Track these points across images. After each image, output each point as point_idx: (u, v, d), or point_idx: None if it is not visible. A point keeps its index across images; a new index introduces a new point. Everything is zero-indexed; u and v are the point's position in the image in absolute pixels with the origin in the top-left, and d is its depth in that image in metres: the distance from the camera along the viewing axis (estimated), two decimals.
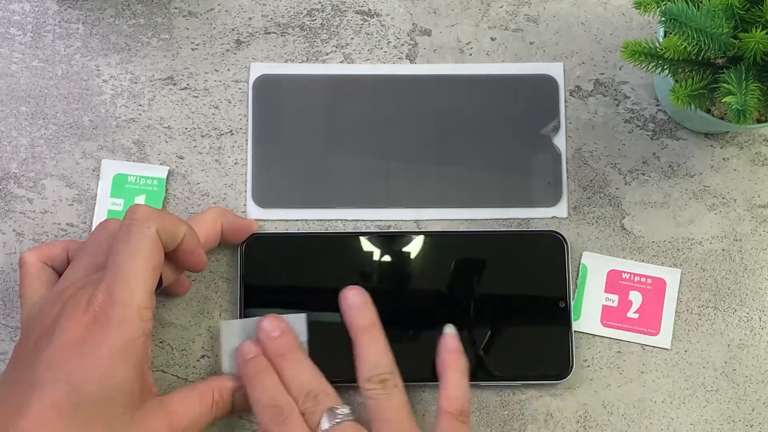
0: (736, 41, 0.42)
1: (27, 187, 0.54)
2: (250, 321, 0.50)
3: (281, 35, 0.56)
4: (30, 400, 0.41)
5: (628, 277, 0.53)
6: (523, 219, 0.54)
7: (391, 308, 0.52)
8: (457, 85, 0.55)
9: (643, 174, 0.55)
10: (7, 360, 0.52)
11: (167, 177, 0.54)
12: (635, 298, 0.53)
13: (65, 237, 0.53)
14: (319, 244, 0.52)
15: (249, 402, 0.49)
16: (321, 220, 0.54)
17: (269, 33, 0.56)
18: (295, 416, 0.46)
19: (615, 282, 0.53)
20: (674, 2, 0.41)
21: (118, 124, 0.54)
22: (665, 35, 0.48)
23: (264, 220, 0.54)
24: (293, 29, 0.56)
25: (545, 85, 0.55)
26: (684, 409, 0.52)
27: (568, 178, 0.55)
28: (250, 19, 0.56)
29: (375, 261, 0.52)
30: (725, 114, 0.49)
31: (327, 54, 0.56)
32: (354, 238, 0.52)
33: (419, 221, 0.54)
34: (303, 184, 0.54)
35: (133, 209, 0.44)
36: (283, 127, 0.55)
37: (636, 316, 0.52)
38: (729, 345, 0.53)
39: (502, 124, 0.55)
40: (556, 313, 0.52)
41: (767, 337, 0.53)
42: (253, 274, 0.52)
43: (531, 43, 0.56)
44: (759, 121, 0.49)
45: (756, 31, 0.41)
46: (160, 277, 0.45)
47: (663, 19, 0.41)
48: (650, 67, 0.45)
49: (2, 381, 0.44)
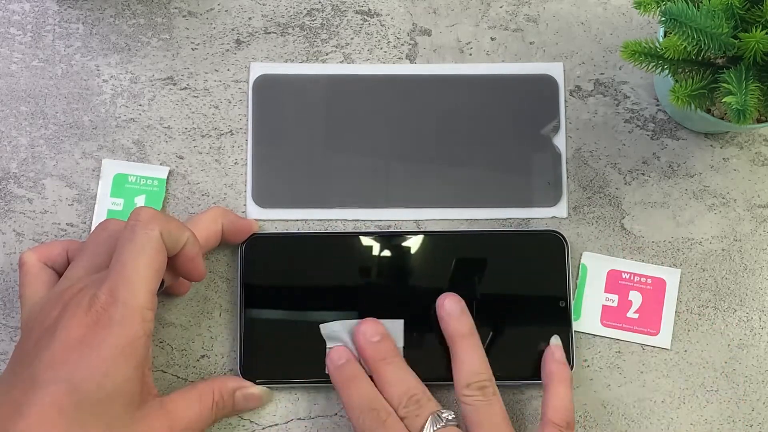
0: (736, 41, 0.42)
1: (27, 187, 0.54)
2: (348, 323, 0.50)
3: (281, 35, 0.56)
4: (30, 399, 0.41)
5: (628, 277, 0.53)
6: (523, 219, 0.54)
7: (390, 308, 0.52)
8: (457, 85, 0.55)
9: (643, 174, 0.55)
10: (7, 360, 0.52)
11: (167, 177, 0.54)
12: (635, 298, 0.53)
13: (65, 237, 0.53)
14: (319, 244, 0.52)
15: (252, 403, 0.49)
16: (321, 220, 0.54)
17: (269, 33, 0.56)
18: (394, 419, 0.46)
19: (615, 282, 0.53)
20: (674, 2, 0.41)
21: (118, 124, 0.54)
22: (665, 35, 0.48)
23: (264, 220, 0.54)
24: (293, 29, 0.56)
25: (545, 85, 0.55)
26: (684, 409, 0.52)
27: (568, 178, 0.55)
28: (250, 19, 0.56)
29: (375, 261, 0.52)
30: (725, 114, 0.49)
31: (327, 54, 0.56)
32: (354, 238, 0.52)
33: (419, 221, 0.54)
34: (303, 184, 0.54)
35: (137, 211, 0.44)
36: (283, 127, 0.55)
37: (636, 316, 0.52)
38: (729, 345, 0.53)
39: (502, 124, 0.55)
40: (556, 312, 0.52)
41: (767, 337, 0.53)
42: (253, 274, 0.52)
43: (531, 43, 0.56)
44: (759, 121, 0.48)
45: (756, 31, 0.41)
46: (162, 278, 0.45)
47: (663, 19, 0.41)
48: (650, 67, 0.45)
49: (2, 380, 0.44)
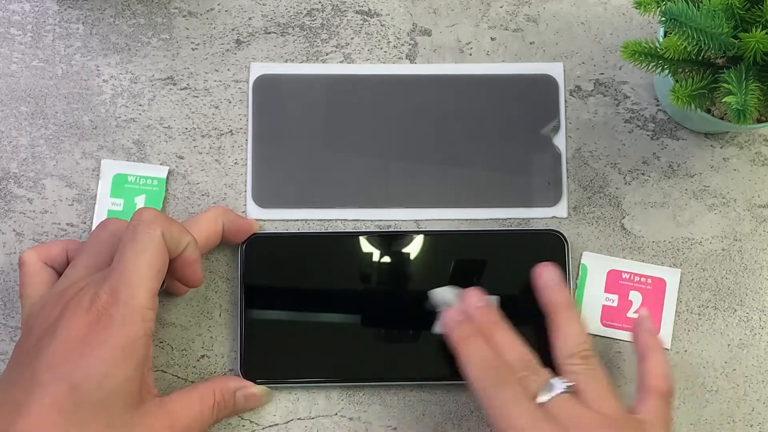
0: (736, 41, 0.42)
1: (27, 187, 0.54)
2: (455, 290, 0.50)
3: (281, 35, 0.56)
4: (30, 399, 0.41)
5: (628, 277, 0.53)
6: (523, 219, 0.54)
7: (391, 308, 0.52)
8: (457, 85, 0.55)
9: (643, 174, 0.55)
10: (7, 360, 0.52)
11: (167, 177, 0.54)
12: (635, 298, 0.53)
13: (65, 237, 0.53)
14: (319, 244, 0.52)
15: (253, 403, 0.49)
16: (321, 220, 0.54)
17: (269, 33, 0.56)
18: (515, 379, 0.46)
19: (615, 282, 0.53)
20: (674, 2, 0.41)
21: (118, 124, 0.54)
22: (665, 35, 0.48)
23: (264, 220, 0.54)
24: (293, 29, 0.56)
25: (545, 85, 0.55)
26: (684, 409, 0.52)
27: (568, 178, 0.55)
28: (250, 19, 0.56)
29: (375, 260, 0.52)
30: (725, 114, 0.49)
31: (327, 54, 0.56)
32: (354, 237, 0.52)
33: (419, 221, 0.54)
34: (303, 184, 0.54)
35: (140, 211, 0.44)
36: (283, 127, 0.55)
37: (636, 316, 0.52)
38: (729, 345, 0.53)
39: (502, 124, 0.55)
40: None
41: (767, 337, 0.53)
42: (253, 274, 0.52)
43: (531, 43, 0.56)
44: (759, 121, 0.48)
45: (756, 30, 0.41)
46: (163, 279, 0.45)
47: (663, 19, 0.41)
48: (650, 67, 0.45)
49: (3, 380, 0.44)
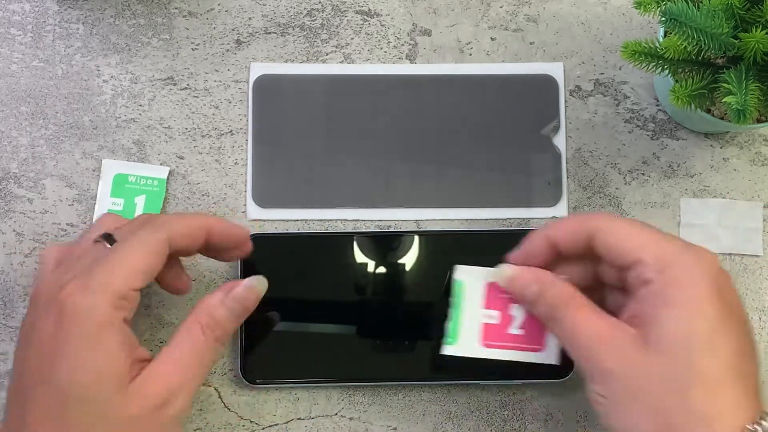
0: (736, 41, 0.42)
1: (27, 187, 0.54)
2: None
3: (281, 35, 0.56)
4: (24, 413, 0.40)
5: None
6: (523, 219, 0.54)
7: (391, 308, 0.52)
8: (457, 85, 0.55)
9: (643, 174, 0.55)
10: (7, 360, 0.52)
11: (167, 177, 0.54)
12: (517, 312, 0.47)
13: (65, 237, 0.53)
14: (319, 244, 0.52)
15: (249, 301, 0.45)
16: (321, 220, 0.54)
17: (269, 33, 0.56)
18: None
19: (495, 296, 0.47)
20: (674, 2, 0.41)
21: (118, 124, 0.54)
22: (665, 35, 0.48)
23: (264, 220, 0.54)
24: (293, 29, 0.56)
25: (545, 85, 0.55)
26: None
27: (568, 178, 0.55)
28: (250, 19, 0.56)
29: (375, 260, 0.52)
30: (725, 114, 0.49)
31: (327, 54, 0.56)
32: (354, 238, 0.52)
33: (419, 221, 0.54)
34: (303, 184, 0.54)
35: (151, 215, 0.44)
36: (283, 127, 0.55)
37: (520, 332, 0.47)
38: None
39: (502, 124, 0.55)
40: None
41: (767, 337, 0.53)
42: (252, 274, 0.52)
43: (531, 43, 0.56)
44: (759, 121, 0.48)
45: (756, 30, 0.41)
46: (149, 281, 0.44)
47: (663, 19, 0.41)
48: (650, 67, 0.45)
49: (9, 390, 0.44)
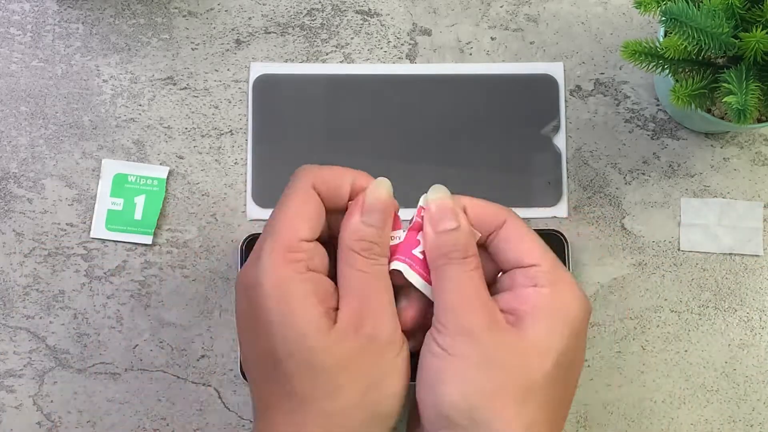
0: (736, 41, 0.42)
1: (27, 187, 0.54)
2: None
3: (281, 35, 0.56)
4: (256, 391, 0.41)
5: None
6: (524, 219, 0.54)
7: None
8: (457, 85, 0.55)
9: (643, 174, 0.55)
10: (6, 359, 0.52)
11: (167, 177, 0.54)
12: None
13: (65, 237, 0.53)
14: None
15: (379, 203, 0.42)
16: None
17: (269, 33, 0.56)
18: None
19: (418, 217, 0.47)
20: (674, 2, 0.41)
21: (118, 124, 0.54)
22: (665, 35, 0.48)
23: (264, 220, 0.54)
24: (293, 29, 0.56)
25: (545, 85, 0.55)
26: (684, 409, 0.52)
27: (568, 177, 0.55)
28: (250, 19, 0.56)
29: None
30: (725, 114, 0.49)
31: (327, 54, 0.56)
32: None
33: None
34: None
35: (297, 170, 0.43)
36: (283, 127, 0.55)
37: (421, 256, 0.45)
38: (729, 345, 0.53)
39: (502, 124, 0.55)
40: None
41: (767, 337, 0.53)
42: None
43: (531, 43, 0.56)
44: (759, 121, 0.48)
45: (756, 30, 0.41)
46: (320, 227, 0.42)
47: (663, 18, 0.41)
48: (650, 67, 0.45)
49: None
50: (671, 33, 0.43)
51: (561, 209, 0.54)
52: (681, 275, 0.54)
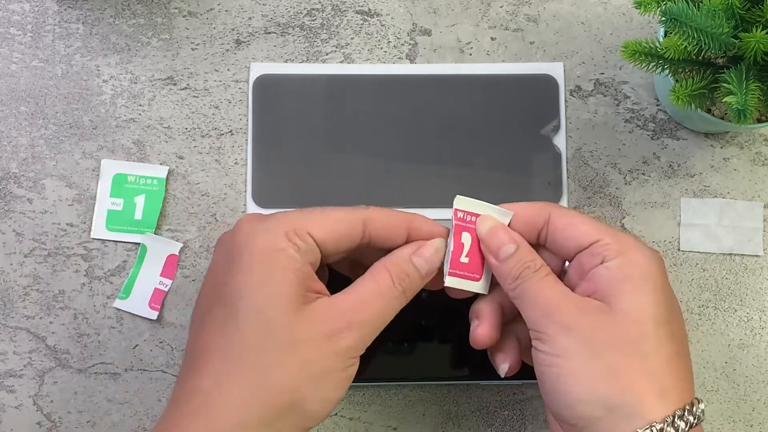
0: (736, 41, 0.42)
1: (27, 187, 0.54)
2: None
3: (281, 35, 0.56)
4: (200, 331, 0.40)
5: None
6: None
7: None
8: (457, 85, 0.55)
9: (643, 174, 0.55)
10: (6, 359, 0.52)
11: (167, 177, 0.54)
12: (465, 240, 0.47)
13: (65, 237, 0.53)
14: None
15: (435, 261, 0.43)
16: None
17: (269, 33, 0.56)
18: None
19: (173, 267, 0.53)
20: (674, 2, 0.41)
21: (118, 124, 0.54)
22: (665, 35, 0.48)
23: None
24: (293, 29, 0.56)
25: (545, 85, 0.55)
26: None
27: (568, 177, 0.55)
28: (250, 19, 0.56)
29: None
30: (725, 114, 0.49)
31: (327, 54, 0.56)
32: None
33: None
34: (303, 184, 0.54)
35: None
36: (283, 127, 0.55)
37: (466, 260, 0.46)
38: (729, 345, 0.53)
39: (502, 124, 0.55)
40: None
41: (767, 337, 0.53)
42: None
43: (531, 43, 0.56)
44: (759, 121, 0.48)
45: (756, 30, 0.41)
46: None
47: (663, 18, 0.41)
48: (650, 67, 0.45)
49: (192, 317, 0.43)
50: (671, 33, 0.43)
51: None
52: (681, 275, 0.54)
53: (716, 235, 0.54)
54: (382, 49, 0.56)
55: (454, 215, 0.44)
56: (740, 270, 0.54)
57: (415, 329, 0.52)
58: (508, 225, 0.44)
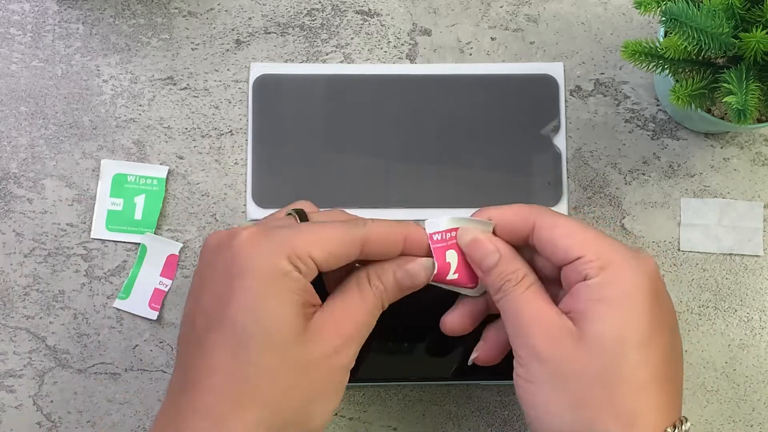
0: (736, 41, 0.42)
1: (27, 187, 0.54)
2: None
3: (281, 35, 0.56)
4: (195, 360, 0.39)
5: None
6: None
7: (391, 309, 0.51)
8: (457, 85, 0.55)
9: (643, 174, 0.55)
10: (6, 359, 0.52)
11: (167, 177, 0.54)
12: (452, 258, 0.47)
13: (65, 237, 0.53)
14: None
15: (419, 279, 0.43)
16: None
17: (269, 33, 0.56)
18: None
19: (173, 267, 0.53)
20: (674, 2, 0.41)
21: (118, 124, 0.54)
22: (665, 35, 0.48)
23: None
24: (293, 29, 0.56)
25: (545, 85, 0.55)
26: (684, 409, 0.52)
27: (568, 178, 0.55)
28: (250, 19, 0.56)
29: None
30: (725, 114, 0.49)
31: (327, 54, 0.56)
32: None
33: (419, 221, 0.54)
34: (303, 184, 0.54)
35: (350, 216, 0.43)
36: (283, 127, 0.55)
37: (455, 276, 0.46)
38: (729, 345, 0.53)
39: (503, 124, 0.55)
40: None
41: (767, 337, 0.53)
42: None
43: (531, 43, 0.56)
44: (759, 121, 0.48)
45: (756, 30, 0.41)
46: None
47: (663, 18, 0.41)
48: (650, 67, 0.45)
49: (179, 339, 0.42)
50: (671, 33, 0.43)
51: (561, 209, 0.54)
52: (681, 275, 0.54)
53: (716, 235, 0.54)
54: (382, 49, 0.56)
55: (430, 239, 0.43)
56: (740, 270, 0.54)
57: (415, 329, 0.52)
58: (492, 232, 0.43)
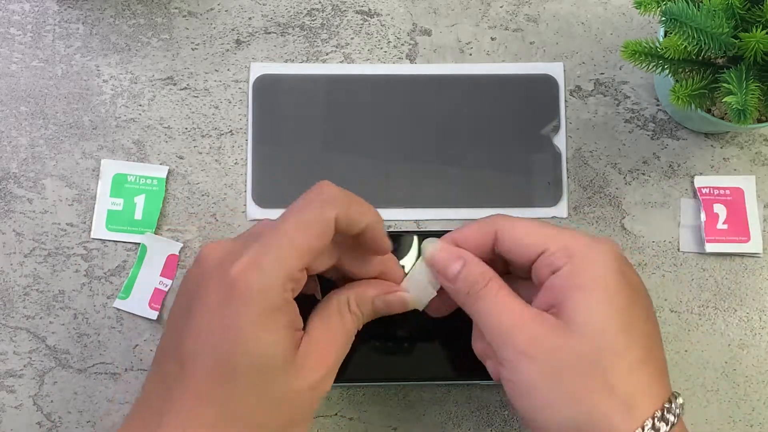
0: (736, 41, 0.42)
1: (27, 187, 0.54)
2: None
3: (281, 35, 0.56)
4: (174, 387, 0.39)
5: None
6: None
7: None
8: (457, 85, 0.55)
9: (643, 174, 0.55)
10: (6, 359, 0.52)
11: (167, 177, 0.54)
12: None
13: (65, 237, 0.53)
14: None
15: (395, 308, 0.45)
16: None
17: (269, 33, 0.56)
18: None
19: (173, 267, 0.53)
20: (674, 2, 0.41)
21: (118, 124, 0.54)
22: (665, 35, 0.48)
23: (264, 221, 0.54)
24: (293, 29, 0.56)
25: (545, 85, 0.55)
26: (684, 409, 0.52)
27: (568, 178, 0.55)
28: (250, 19, 0.56)
29: None
30: (725, 114, 0.49)
31: (327, 54, 0.56)
32: None
33: (419, 221, 0.54)
34: (303, 184, 0.54)
35: (320, 186, 0.41)
36: (283, 127, 0.55)
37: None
38: (729, 345, 0.53)
39: (502, 124, 0.55)
40: None
41: (767, 337, 0.53)
42: None
43: (531, 43, 0.56)
44: (759, 121, 0.48)
45: (756, 30, 0.41)
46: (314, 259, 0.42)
47: (663, 18, 0.41)
48: (650, 67, 0.45)
49: (159, 349, 0.42)
50: (671, 33, 0.43)
51: (561, 209, 0.54)
52: (681, 275, 0.54)
53: None
54: (382, 49, 0.56)
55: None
56: (740, 270, 0.54)
57: (415, 329, 0.52)
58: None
